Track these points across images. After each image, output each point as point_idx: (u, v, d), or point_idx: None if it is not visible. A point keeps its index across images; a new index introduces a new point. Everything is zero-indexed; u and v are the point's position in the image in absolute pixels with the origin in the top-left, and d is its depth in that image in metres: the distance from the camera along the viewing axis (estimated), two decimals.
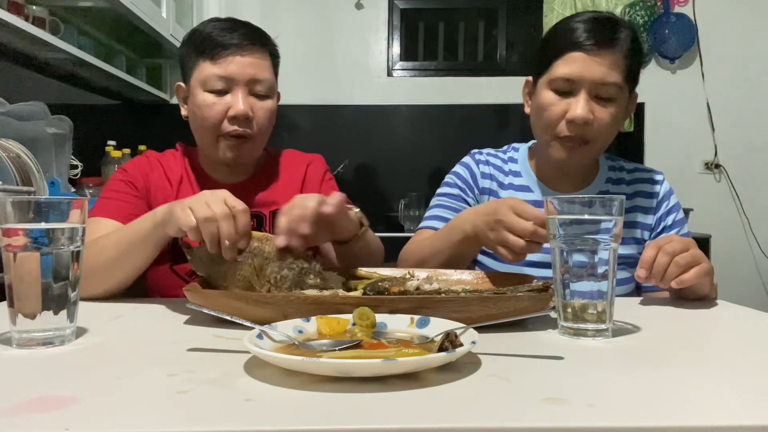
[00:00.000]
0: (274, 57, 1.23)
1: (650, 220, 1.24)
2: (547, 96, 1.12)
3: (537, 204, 1.23)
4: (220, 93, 1.16)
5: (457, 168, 1.32)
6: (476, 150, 1.34)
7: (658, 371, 0.62)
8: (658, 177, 1.28)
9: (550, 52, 1.13)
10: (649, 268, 0.91)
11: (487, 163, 1.30)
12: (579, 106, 1.08)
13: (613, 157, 1.31)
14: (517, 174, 1.28)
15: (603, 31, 1.09)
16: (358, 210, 1.04)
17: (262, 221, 1.25)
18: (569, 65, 1.09)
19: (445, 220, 1.21)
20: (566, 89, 1.10)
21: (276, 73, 1.25)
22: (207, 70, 1.15)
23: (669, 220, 1.24)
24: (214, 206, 0.87)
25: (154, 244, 0.99)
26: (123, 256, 0.99)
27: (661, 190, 1.26)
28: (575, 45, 1.09)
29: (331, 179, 1.36)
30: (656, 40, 3.11)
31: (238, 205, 0.89)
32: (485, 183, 1.28)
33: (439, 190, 1.32)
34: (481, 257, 1.27)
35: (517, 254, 0.93)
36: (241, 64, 1.15)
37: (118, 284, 1.02)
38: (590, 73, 1.08)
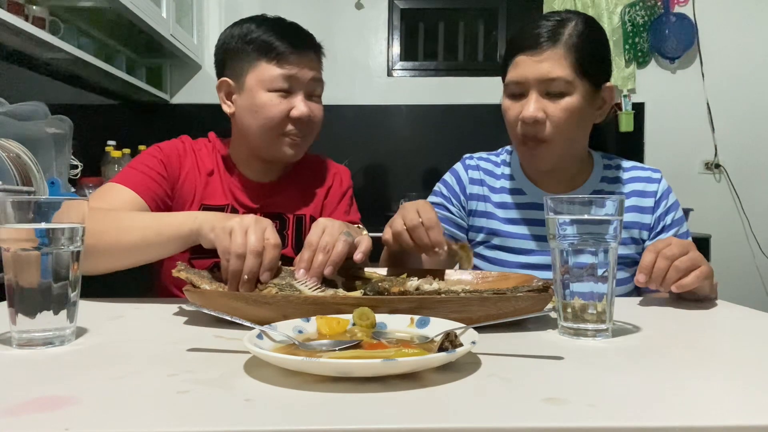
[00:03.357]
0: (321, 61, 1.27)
1: (648, 219, 1.23)
2: (505, 101, 1.17)
3: (531, 206, 1.24)
4: (283, 93, 1.18)
5: (446, 176, 1.34)
6: (468, 155, 1.36)
7: (658, 371, 0.62)
8: (656, 175, 1.26)
9: (505, 60, 1.18)
10: (649, 273, 0.91)
11: (478, 168, 1.31)
12: (528, 106, 1.11)
13: (610, 156, 1.30)
14: (510, 177, 1.29)
15: (542, 30, 1.12)
16: (366, 234, 1.05)
17: (285, 223, 1.26)
18: (516, 69, 1.13)
19: None
20: (518, 92, 1.14)
21: None
22: (270, 71, 1.18)
23: (668, 219, 1.23)
24: (251, 237, 0.88)
25: (183, 245, 0.99)
26: (148, 246, 0.99)
27: (659, 188, 1.24)
28: (519, 49, 1.13)
29: (352, 197, 1.39)
30: (656, 40, 3.12)
31: (273, 239, 0.89)
32: (474, 189, 1.29)
33: (428, 199, 1.33)
34: (476, 261, 1.27)
35: (393, 233, 1.00)
36: (303, 68, 1.19)
37: (132, 265, 1.02)
38: (533, 73, 1.10)
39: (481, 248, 1.27)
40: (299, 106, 1.18)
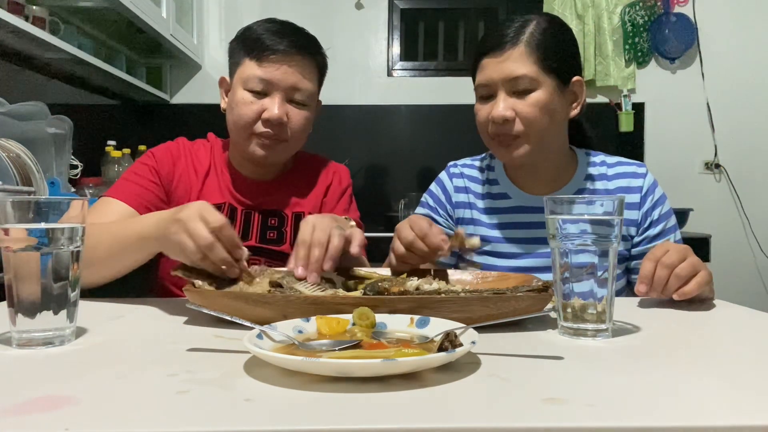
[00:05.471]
0: (321, 67, 1.24)
1: (635, 215, 1.21)
2: (476, 105, 1.19)
3: (517, 209, 1.23)
4: (259, 94, 1.17)
5: (432, 186, 1.35)
6: (452, 162, 1.36)
7: (658, 371, 0.62)
8: (641, 170, 1.25)
9: (472, 65, 1.19)
10: (649, 283, 0.91)
11: (462, 175, 1.31)
12: (496, 106, 1.13)
13: (593, 152, 1.29)
14: (494, 182, 1.28)
15: (502, 31, 1.14)
16: (353, 225, 1.05)
17: (284, 221, 1.26)
18: (482, 72, 1.15)
19: None
20: (487, 94, 1.16)
21: (320, 83, 1.26)
22: (250, 70, 1.17)
23: (655, 214, 1.22)
24: (197, 235, 0.84)
25: (148, 253, 0.98)
26: (118, 254, 0.99)
27: (645, 183, 1.23)
28: (483, 53, 1.15)
29: (351, 195, 1.38)
30: (656, 40, 3.11)
31: (216, 221, 0.85)
32: (460, 197, 1.30)
33: (416, 210, 1.35)
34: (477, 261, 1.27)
35: (396, 257, 1.03)
36: (284, 71, 1.16)
37: (114, 276, 1.02)
38: (498, 73, 1.12)
39: (471, 255, 1.27)
40: (271, 108, 1.16)
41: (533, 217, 1.23)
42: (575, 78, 1.16)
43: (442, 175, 1.35)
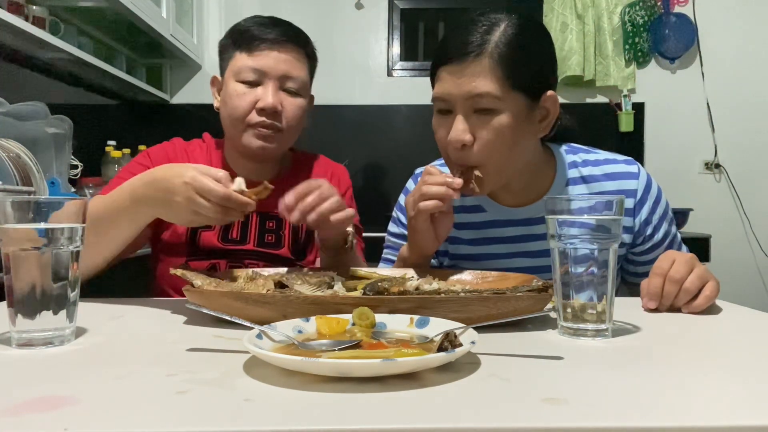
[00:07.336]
0: (311, 59, 1.25)
1: (629, 222, 1.12)
2: (433, 119, 1.04)
3: (493, 223, 1.15)
4: (252, 84, 1.17)
5: (401, 200, 1.24)
6: (420, 170, 1.25)
7: (658, 371, 0.62)
8: (632, 168, 1.13)
9: (431, 72, 1.04)
10: (658, 299, 0.91)
11: None
12: (454, 127, 0.98)
13: (575, 149, 1.17)
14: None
15: (465, 37, 0.97)
16: (350, 229, 1.04)
17: (281, 224, 1.26)
18: (440, 85, 1.00)
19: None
20: (445, 109, 1.01)
21: (312, 76, 1.26)
22: (241, 61, 1.17)
23: (654, 218, 1.14)
24: (213, 195, 0.85)
25: (143, 222, 0.96)
26: (104, 231, 0.96)
27: (639, 186, 1.12)
28: (441, 61, 1.00)
29: (351, 197, 1.37)
30: (656, 40, 3.11)
31: (221, 172, 0.88)
32: None
33: (388, 227, 1.28)
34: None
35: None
36: (275, 59, 1.17)
37: (107, 258, 1.00)
38: (457, 89, 0.97)
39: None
40: (265, 97, 1.16)
41: (511, 231, 1.14)
42: (548, 93, 1.01)
43: (410, 185, 1.25)
